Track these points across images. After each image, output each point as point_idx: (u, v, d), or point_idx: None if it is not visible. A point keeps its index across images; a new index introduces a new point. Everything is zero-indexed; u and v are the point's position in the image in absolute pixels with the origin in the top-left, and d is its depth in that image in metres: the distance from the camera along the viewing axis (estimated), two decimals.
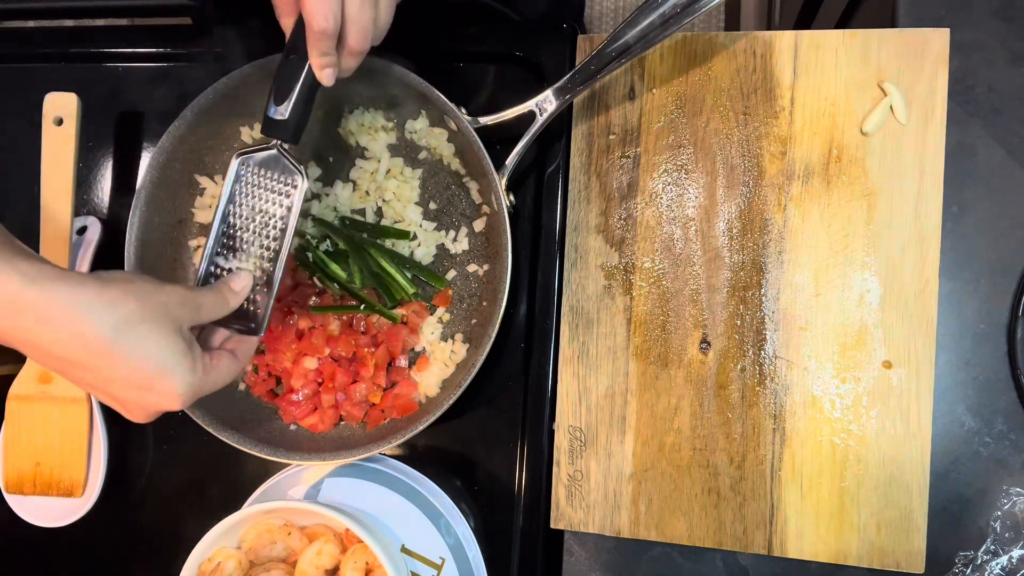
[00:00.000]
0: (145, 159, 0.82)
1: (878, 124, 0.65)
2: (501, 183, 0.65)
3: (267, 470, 0.72)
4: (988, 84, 0.67)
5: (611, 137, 0.71)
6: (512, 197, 0.68)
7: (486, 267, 0.71)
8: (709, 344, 0.68)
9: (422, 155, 0.74)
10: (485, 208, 0.72)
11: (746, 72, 0.69)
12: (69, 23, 0.89)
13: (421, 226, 0.73)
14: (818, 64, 0.68)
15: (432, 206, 0.73)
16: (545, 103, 0.65)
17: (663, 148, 0.70)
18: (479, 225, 0.72)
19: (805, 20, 0.90)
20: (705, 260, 0.69)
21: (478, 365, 0.63)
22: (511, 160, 0.66)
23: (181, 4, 0.78)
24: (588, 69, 0.64)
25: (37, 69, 0.84)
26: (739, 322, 0.67)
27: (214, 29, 0.81)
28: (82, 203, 0.82)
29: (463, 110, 0.66)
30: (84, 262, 0.76)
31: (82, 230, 0.78)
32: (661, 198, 0.70)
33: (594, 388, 0.70)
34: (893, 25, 0.68)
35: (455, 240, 0.72)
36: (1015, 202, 0.66)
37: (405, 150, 0.74)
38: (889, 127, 0.66)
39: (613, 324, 0.70)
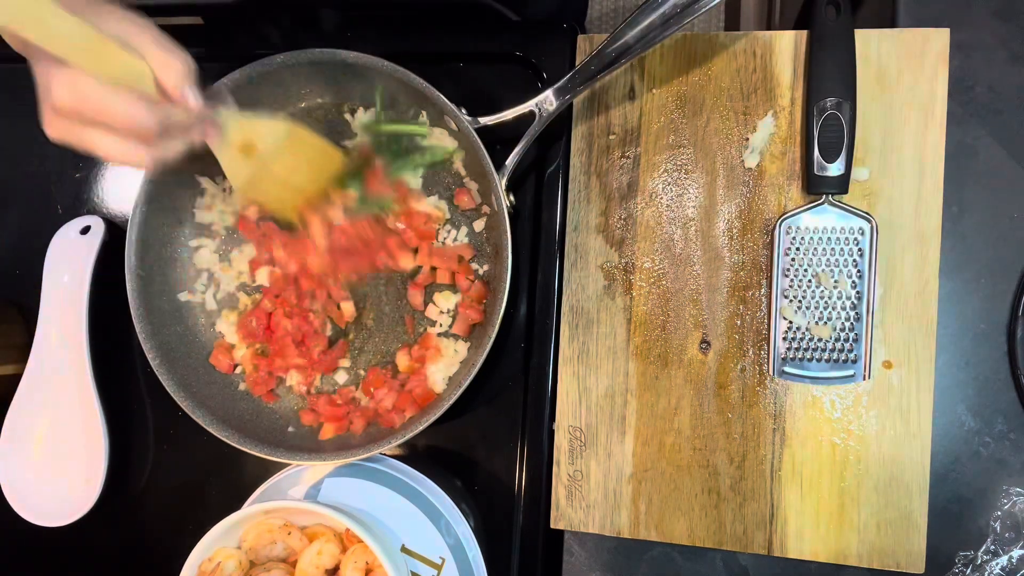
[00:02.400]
0: None
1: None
2: (501, 183, 0.65)
3: (267, 470, 0.72)
4: (988, 84, 0.67)
5: (611, 137, 0.71)
6: (512, 197, 0.68)
7: (486, 267, 0.71)
8: (709, 344, 0.68)
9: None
10: (485, 208, 0.72)
11: (746, 72, 0.69)
12: None
13: None
14: None
15: None
16: (545, 103, 0.65)
17: (663, 148, 0.70)
18: (479, 225, 0.72)
19: (805, 20, 0.90)
20: (705, 260, 0.69)
21: (478, 365, 0.63)
22: (511, 160, 0.66)
23: (190, 3, 0.78)
24: (588, 69, 0.64)
25: None
26: (739, 322, 0.67)
27: (224, 29, 0.81)
28: (83, 203, 0.82)
29: (463, 110, 0.66)
30: (89, 261, 0.76)
31: (85, 230, 0.78)
32: (661, 198, 0.70)
33: (594, 388, 0.70)
34: (893, 25, 0.68)
35: (455, 240, 0.72)
36: (1015, 202, 0.66)
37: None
38: (888, 128, 0.66)
39: (613, 324, 0.70)
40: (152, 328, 0.69)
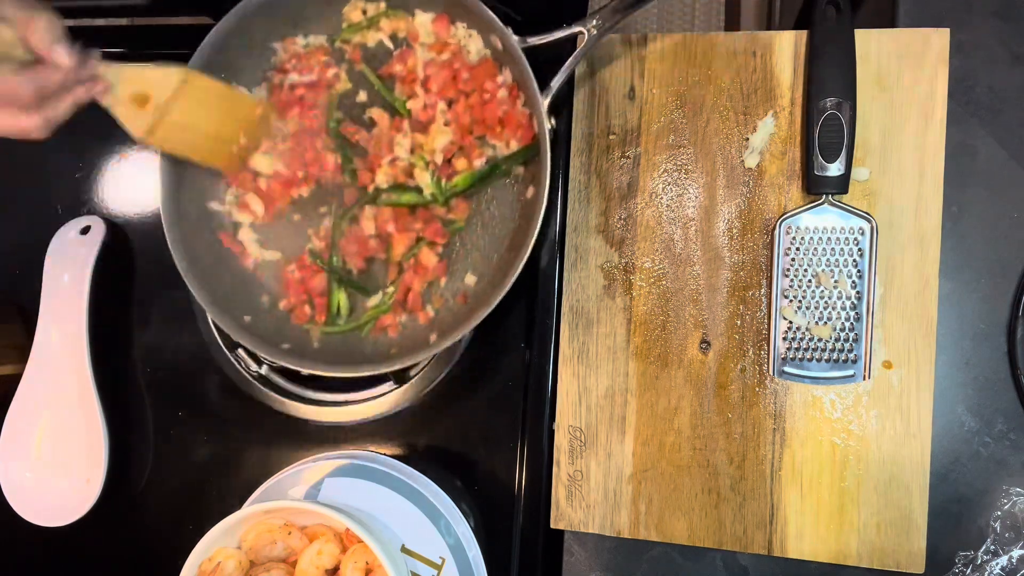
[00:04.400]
0: (146, 157, 0.82)
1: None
2: (544, 104, 0.63)
3: (267, 470, 0.72)
4: (988, 84, 0.67)
5: (611, 137, 0.71)
6: (553, 120, 0.65)
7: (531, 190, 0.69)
8: (709, 344, 0.68)
9: None
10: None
11: (746, 72, 0.69)
12: (70, 23, 0.89)
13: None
14: None
15: None
16: (592, 25, 0.63)
17: (663, 148, 0.70)
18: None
19: (805, 20, 0.90)
20: (705, 260, 0.69)
21: (487, 311, 0.62)
22: (556, 81, 0.63)
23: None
24: None
25: None
26: (739, 322, 0.67)
27: None
28: (82, 203, 0.82)
29: (510, 28, 0.64)
30: (89, 261, 0.76)
31: (85, 230, 0.78)
32: (661, 198, 0.70)
33: (594, 388, 0.70)
34: (893, 25, 0.68)
35: None
36: (1015, 202, 0.66)
37: None
38: (888, 128, 0.66)
39: (613, 324, 0.70)
40: (181, 233, 0.68)
